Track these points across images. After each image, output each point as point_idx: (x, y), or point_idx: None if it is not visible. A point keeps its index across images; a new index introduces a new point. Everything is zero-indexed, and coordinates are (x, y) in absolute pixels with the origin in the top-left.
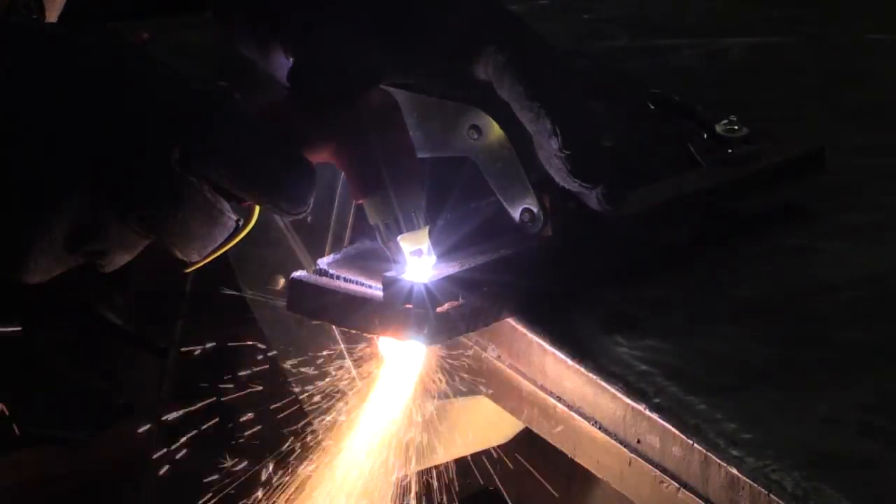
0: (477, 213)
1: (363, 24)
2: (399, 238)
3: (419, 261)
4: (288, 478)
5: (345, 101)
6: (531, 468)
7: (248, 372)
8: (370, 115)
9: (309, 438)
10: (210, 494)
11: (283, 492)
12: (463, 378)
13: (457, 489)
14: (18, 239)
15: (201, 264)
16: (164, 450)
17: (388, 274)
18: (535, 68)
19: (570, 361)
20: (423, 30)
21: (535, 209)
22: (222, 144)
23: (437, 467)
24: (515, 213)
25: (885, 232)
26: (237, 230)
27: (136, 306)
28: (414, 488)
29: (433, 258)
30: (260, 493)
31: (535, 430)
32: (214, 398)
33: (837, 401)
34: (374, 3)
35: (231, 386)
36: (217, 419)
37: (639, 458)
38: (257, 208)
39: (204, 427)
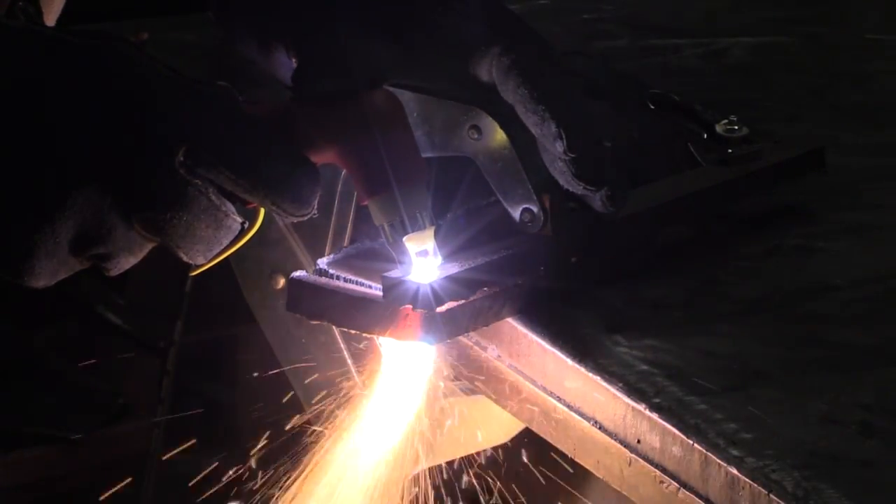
0: (482, 214)
1: (366, 25)
2: (405, 238)
3: (423, 261)
4: (287, 478)
5: (349, 102)
6: (531, 468)
7: (248, 371)
8: (375, 115)
9: (309, 438)
10: (210, 494)
11: (282, 492)
12: (463, 379)
13: (457, 489)
14: (23, 243)
15: (207, 267)
16: (164, 450)
17: (387, 274)
18: (539, 71)
19: (570, 361)
20: (427, 31)
21: (535, 209)
22: (226, 146)
23: (437, 468)
24: (516, 214)
25: (885, 232)
26: (242, 232)
27: (136, 306)
28: (414, 489)
29: (438, 258)
30: (260, 494)
31: (535, 430)
32: (214, 398)
33: (837, 401)
34: (378, 4)
35: (231, 386)
36: (217, 419)
37: (639, 458)
38: (262, 210)
39: (204, 427)
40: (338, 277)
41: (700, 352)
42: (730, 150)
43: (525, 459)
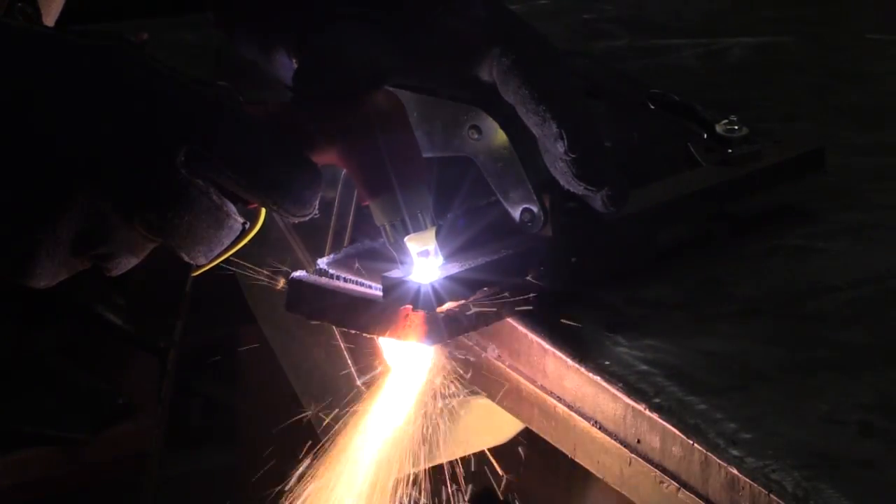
0: (482, 214)
1: (367, 25)
2: (406, 239)
3: (425, 261)
4: (287, 477)
5: (350, 103)
6: (531, 468)
7: (248, 371)
8: (376, 116)
9: (309, 438)
10: (210, 494)
11: (282, 491)
12: (463, 378)
13: (456, 489)
14: (25, 243)
15: (208, 267)
16: (164, 450)
17: (387, 274)
18: (540, 71)
19: (570, 361)
20: (428, 31)
21: (535, 209)
22: (228, 147)
23: (436, 468)
24: (516, 214)
25: (885, 232)
26: (244, 233)
27: (136, 306)
28: (413, 489)
29: (440, 259)
30: (260, 494)
31: (535, 430)
32: (214, 397)
33: (837, 401)
34: (378, 4)
35: (230, 385)
36: (216, 418)
37: (639, 458)
38: (263, 211)
39: (204, 426)
40: (338, 277)
41: (700, 352)
42: (730, 150)
43: (525, 459)
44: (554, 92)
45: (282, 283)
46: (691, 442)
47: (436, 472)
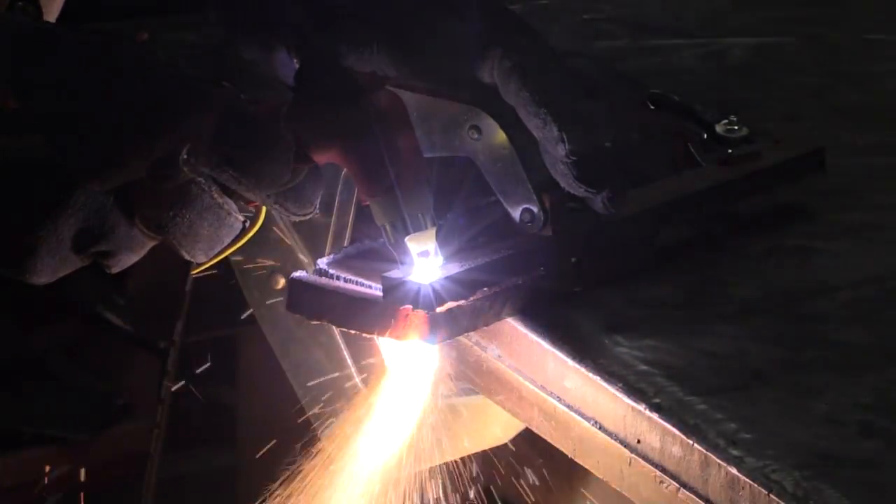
0: (482, 214)
1: (369, 26)
2: (406, 239)
3: (425, 261)
4: (287, 478)
5: (352, 102)
6: (531, 468)
7: (248, 371)
8: (377, 116)
9: (310, 438)
10: (210, 495)
11: (282, 492)
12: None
13: (456, 489)
14: (26, 240)
15: (208, 265)
16: (164, 450)
17: (387, 274)
18: (540, 74)
19: (570, 361)
20: (429, 32)
21: (535, 209)
22: (229, 145)
23: (437, 467)
24: (515, 214)
25: (885, 232)
26: (244, 231)
27: (136, 306)
28: (413, 489)
29: (440, 259)
30: (259, 494)
31: (535, 430)
32: (214, 397)
33: (837, 401)
34: (380, 5)
35: (230, 385)
36: (217, 418)
37: (639, 458)
38: (264, 209)
39: (203, 426)
40: (338, 277)
41: (700, 352)
42: (730, 150)
43: (525, 459)
44: (555, 94)
45: (282, 283)
46: (691, 442)
47: (436, 473)
